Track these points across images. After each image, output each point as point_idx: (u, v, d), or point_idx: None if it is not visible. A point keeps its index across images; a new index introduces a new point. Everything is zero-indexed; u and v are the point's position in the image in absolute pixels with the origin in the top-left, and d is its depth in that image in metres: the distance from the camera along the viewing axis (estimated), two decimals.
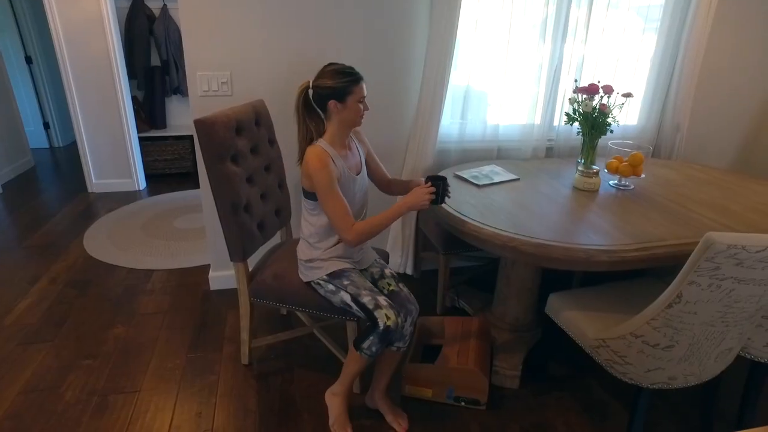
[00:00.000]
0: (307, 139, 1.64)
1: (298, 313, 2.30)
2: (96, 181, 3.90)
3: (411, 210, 1.60)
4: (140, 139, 4.03)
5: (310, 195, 1.64)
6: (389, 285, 1.74)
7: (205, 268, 2.75)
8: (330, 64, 1.59)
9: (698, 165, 2.50)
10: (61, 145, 5.20)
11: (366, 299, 1.59)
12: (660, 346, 1.36)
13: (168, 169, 4.30)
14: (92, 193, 3.90)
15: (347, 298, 1.63)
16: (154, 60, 4.19)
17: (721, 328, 1.34)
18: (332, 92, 1.55)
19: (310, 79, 1.61)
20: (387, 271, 1.79)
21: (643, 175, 2.03)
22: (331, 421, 1.72)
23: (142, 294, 2.50)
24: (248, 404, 1.82)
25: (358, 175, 1.70)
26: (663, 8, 2.54)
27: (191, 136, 4.27)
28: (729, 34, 2.69)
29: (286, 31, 2.14)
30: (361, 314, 1.62)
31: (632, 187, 2.09)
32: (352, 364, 1.66)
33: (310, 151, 1.57)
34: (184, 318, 2.32)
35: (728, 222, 1.76)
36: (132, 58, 4.05)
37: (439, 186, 1.59)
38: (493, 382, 1.93)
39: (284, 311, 2.38)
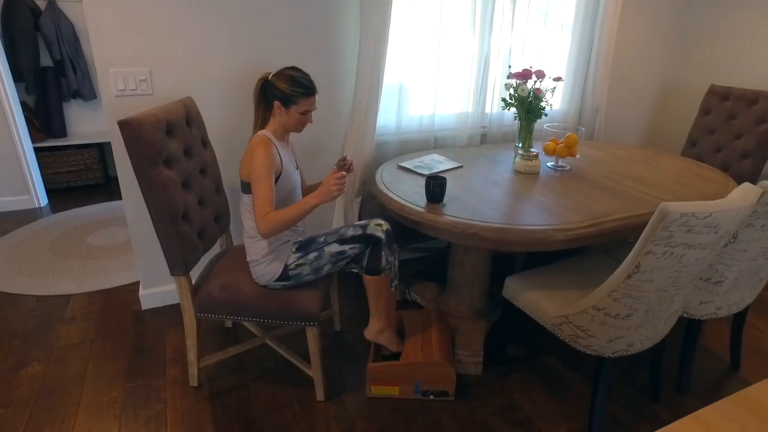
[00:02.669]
0: (260, 126, 1.71)
1: (246, 324, 2.15)
2: None
3: (322, 202, 1.55)
4: (36, 150, 3.56)
5: (250, 188, 1.62)
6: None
7: (133, 287, 2.49)
8: (292, 68, 1.64)
9: (617, 144, 2.68)
10: None
11: (351, 230, 1.64)
12: (620, 316, 1.42)
13: (73, 181, 3.85)
14: None
15: (334, 248, 1.64)
16: (44, 60, 3.72)
17: (672, 292, 1.43)
18: (281, 95, 1.61)
19: (263, 71, 1.70)
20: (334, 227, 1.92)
21: (578, 156, 2.12)
22: (400, 348, 1.83)
23: (59, 324, 2.20)
24: (204, 429, 1.66)
25: (297, 169, 1.77)
26: (576, 3, 2.68)
27: (99, 144, 3.86)
28: (635, 26, 2.91)
29: (210, 20, 1.96)
30: (356, 250, 1.64)
31: (568, 167, 2.18)
32: (381, 292, 1.70)
33: (255, 138, 1.62)
34: (115, 344, 2.07)
35: (659, 194, 1.89)
36: (16, 58, 3.55)
37: (443, 185, 1.72)
38: (456, 371, 1.92)
39: (229, 323, 2.22)
